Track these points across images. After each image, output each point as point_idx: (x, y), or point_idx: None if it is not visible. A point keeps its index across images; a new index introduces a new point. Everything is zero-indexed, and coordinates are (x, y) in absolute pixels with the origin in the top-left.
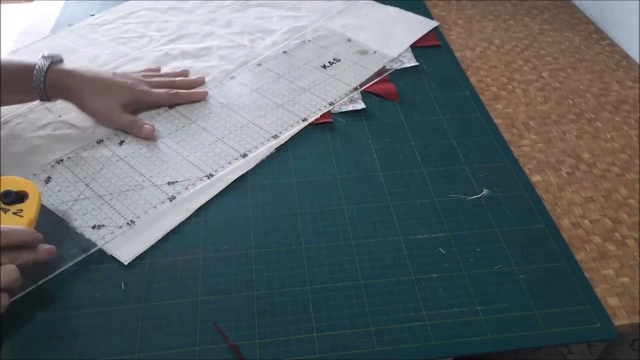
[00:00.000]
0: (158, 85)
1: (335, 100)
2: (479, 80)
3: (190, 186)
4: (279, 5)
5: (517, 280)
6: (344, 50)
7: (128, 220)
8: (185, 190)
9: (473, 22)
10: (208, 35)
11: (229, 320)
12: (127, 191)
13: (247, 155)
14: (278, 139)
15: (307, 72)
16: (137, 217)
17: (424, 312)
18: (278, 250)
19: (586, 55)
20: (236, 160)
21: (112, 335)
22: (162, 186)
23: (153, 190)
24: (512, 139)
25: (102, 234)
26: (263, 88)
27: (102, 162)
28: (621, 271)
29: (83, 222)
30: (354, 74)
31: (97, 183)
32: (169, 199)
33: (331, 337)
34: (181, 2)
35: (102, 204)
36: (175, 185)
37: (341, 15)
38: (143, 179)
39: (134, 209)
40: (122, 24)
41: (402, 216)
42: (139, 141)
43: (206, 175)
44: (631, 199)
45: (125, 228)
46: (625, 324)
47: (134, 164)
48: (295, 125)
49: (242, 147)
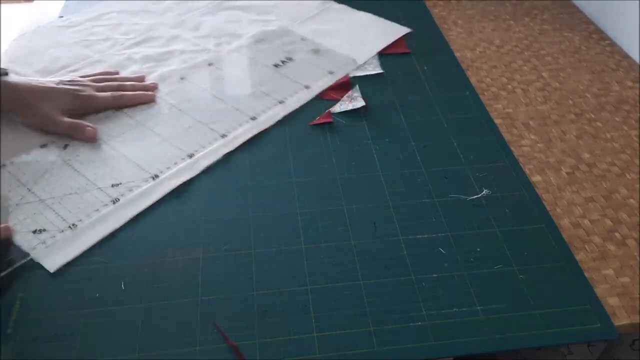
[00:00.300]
0: (105, 89)
1: (285, 99)
2: (479, 81)
3: (135, 187)
4: (251, 9)
5: (517, 280)
6: (297, 49)
7: (70, 223)
8: (129, 192)
9: (473, 22)
10: (173, 38)
11: (229, 320)
12: (70, 194)
13: (194, 155)
14: (226, 138)
15: (258, 72)
16: (79, 220)
17: (424, 312)
18: (278, 250)
19: (586, 55)
20: (182, 161)
21: (112, 335)
22: (105, 189)
23: (97, 193)
24: (512, 139)
25: (43, 238)
26: (213, 88)
27: (45, 166)
28: (621, 271)
29: (23, 227)
30: (306, 73)
31: (39, 187)
32: (112, 201)
33: (331, 337)
34: (153, 4)
35: (44, 208)
36: (119, 187)
37: (312, 20)
38: (87, 182)
39: (76, 213)
40: (90, 26)
41: (402, 216)
42: (83, 144)
43: (151, 176)
44: (631, 199)
45: (68, 232)
46: (625, 324)
47: (78, 167)
48: (244, 125)
49: (189, 147)
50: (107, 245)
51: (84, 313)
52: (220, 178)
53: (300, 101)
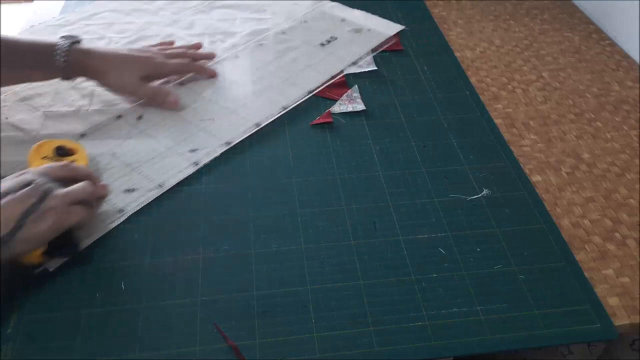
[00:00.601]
0: (171, 56)
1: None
2: (479, 80)
3: (212, 152)
4: (244, 7)
5: (517, 280)
6: (339, 29)
7: (157, 183)
8: (207, 157)
9: (473, 22)
10: (168, 37)
11: (229, 320)
12: (152, 159)
13: (260, 124)
14: (287, 109)
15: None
16: (165, 180)
17: (424, 312)
18: (278, 250)
19: (586, 55)
20: (250, 129)
21: (112, 335)
22: (184, 154)
23: (177, 157)
24: (512, 139)
25: (135, 197)
26: (270, 64)
27: (123, 135)
28: (621, 271)
29: (115, 187)
30: (350, 50)
31: (122, 153)
32: (193, 164)
33: (331, 337)
34: (146, 3)
35: (130, 171)
36: (197, 153)
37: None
38: (166, 149)
39: (161, 174)
40: (83, 25)
41: (402, 216)
42: (156, 115)
43: (225, 142)
44: (631, 199)
45: (156, 191)
46: (625, 324)
47: (155, 135)
48: (302, 97)
49: (255, 117)
50: (107, 245)
51: (84, 313)
52: (220, 178)
53: None
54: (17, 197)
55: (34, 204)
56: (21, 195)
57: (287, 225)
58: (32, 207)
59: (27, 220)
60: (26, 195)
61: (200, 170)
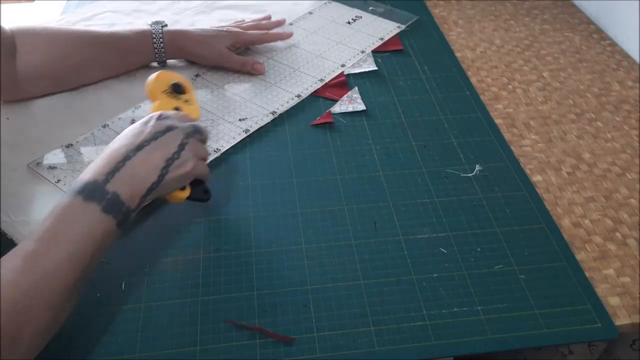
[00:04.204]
0: (248, 28)
1: (365, 49)
2: (479, 81)
3: (260, 121)
4: (245, 8)
5: (518, 280)
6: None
7: (214, 148)
8: (256, 124)
9: (473, 22)
10: None
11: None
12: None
13: (301, 95)
14: (323, 81)
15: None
16: (221, 146)
17: (424, 312)
18: (278, 250)
19: (587, 55)
20: (292, 100)
21: (112, 335)
22: (235, 122)
23: (228, 125)
24: (512, 139)
25: None
26: (294, 46)
27: None
28: (622, 271)
29: None
30: (378, 27)
31: None
32: (244, 131)
33: (331, 337)
34: (147, 4)
35: None
36: (246, 121)
37: (305, 19)
38: (217, 117)
39: (216, 140)
40: (84, 25)
41: (402, 216)
42: (203, 89)
43: (270, 112)
44: (632, 199)
45: (213, 154)
46: (625, 323)
47: (205, 107)
48: (335, 71)
49: (295, 89)
50: None
51: (85, 313)
52: (220, 178)
53: None
54: (163, 144)
55: (176, 152)
56: (166, 142)
57: (287, 225)
58: (175, 154)
59: (171, 166)
60: (171, 142)
61: None
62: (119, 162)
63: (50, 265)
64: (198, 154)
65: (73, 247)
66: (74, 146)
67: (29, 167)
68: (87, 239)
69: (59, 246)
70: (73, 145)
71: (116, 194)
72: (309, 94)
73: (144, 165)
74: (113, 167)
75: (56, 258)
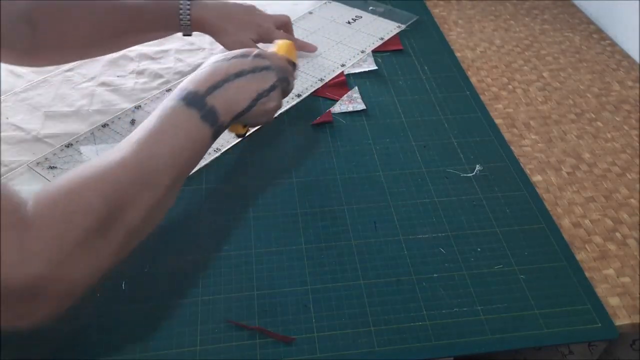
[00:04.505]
0: (277, 24)
1: (365, 49)
2: (479, 81)
3: None
4: None
5: (518, 280)
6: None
7: (214, 148)
8: None
9: (473, 22)
10: (168, 37)
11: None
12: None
13: (301, 96)
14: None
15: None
16: (221, 145)
17: (424, 312)
18: (278, 250)
19: (587, 55)
20: (292, 100)
21: (112, 335)
22: None
23: None
24: (512, 139)
25: None
26: None
27: None
28: (622, 271)
29: None
30: (378, 27)
31: None
32: None
33: (331, 337)
34: None
35: None
36: None
37: (305, 19)
38: None
39: None
40: None
41: (402, 216)
42: None
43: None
44: (632, 199)
45: (213, 154)
46: (625, 323)
47: None
48: (336, 71)
49: (295, 90)
50: None
51: (85, 313)
52: (220, 178)
53: None
54: (259, 79)
55: (267, 90)
56: (262, 79)
57: (287, 225)
58: (265, 91)
59: (260, 101)
60: (266, 80)
61: (201, 170)
62: (219, 81)
63: (155, 155)
64: (280, 99)
65: (175, 143)
66: (74, 146)
67: (29, 167)
68: (186, 140)
69: (162, 141)
70: (73, 145)
71: (213, 108)
72: (309, 93)
73: (240, 92)
74: (213, 83)
75: (159, 151)
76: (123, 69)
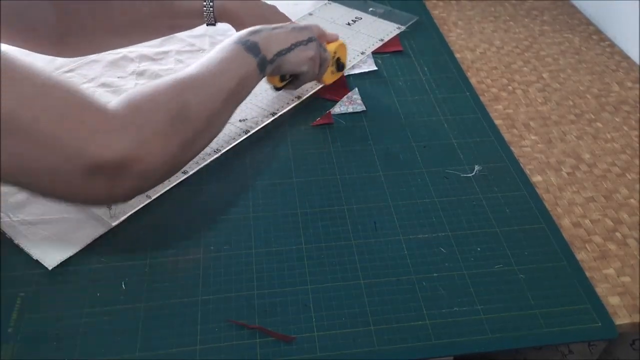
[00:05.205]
0: None
1: (365, 50)
2: (479, 82)
3: (260, 122)
4: None
5: (518, 280)
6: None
7: (214, 149)
8: (256, 125)
9: (473, 23)
10: (169, 38)
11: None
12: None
13: (301, 97)
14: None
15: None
16: (221, 146)
17: (424, 311)
18: (278, 249)
19: (586, 56)
20: (292, 101)
21: (112, 335)
22: (235, 123)
23: (229, 126)
24: (512, 139)
25: (195, 160)
26: None
27: None
28: (622, 271)
29: None
30: (378, 28)
31: None
32: (244, 132)
33: (331, 337)
34: None
35: None
36: (246, 122)
37: (306, 20)
38: None
39: (216, 141)
40: None
41: (402, 216)
42: None
43: (271, 113)
44: (632, 199)
45: (212, 155)
46: (625, 323)
47: None
48: None
49: (295, 92)
50: (107, 245)
51: (84, 313)
52: (220, 178)
53: None
54: (297, 32)
55: (304, 40)
56: (300, 33)
57: (287, 225)
58: (303, 41)
59: (298, 47)
60: (303, 34)
61: (201, 170)
62: (260, 29)
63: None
64: (316, 54)
65: (227, 67)
66: None
67: None
68: (236, 67)
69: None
70: None
71: (255, 42)
72: (309, 94)
73: (280, 36)
74: (256, 29)
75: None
76: (123, 70)
